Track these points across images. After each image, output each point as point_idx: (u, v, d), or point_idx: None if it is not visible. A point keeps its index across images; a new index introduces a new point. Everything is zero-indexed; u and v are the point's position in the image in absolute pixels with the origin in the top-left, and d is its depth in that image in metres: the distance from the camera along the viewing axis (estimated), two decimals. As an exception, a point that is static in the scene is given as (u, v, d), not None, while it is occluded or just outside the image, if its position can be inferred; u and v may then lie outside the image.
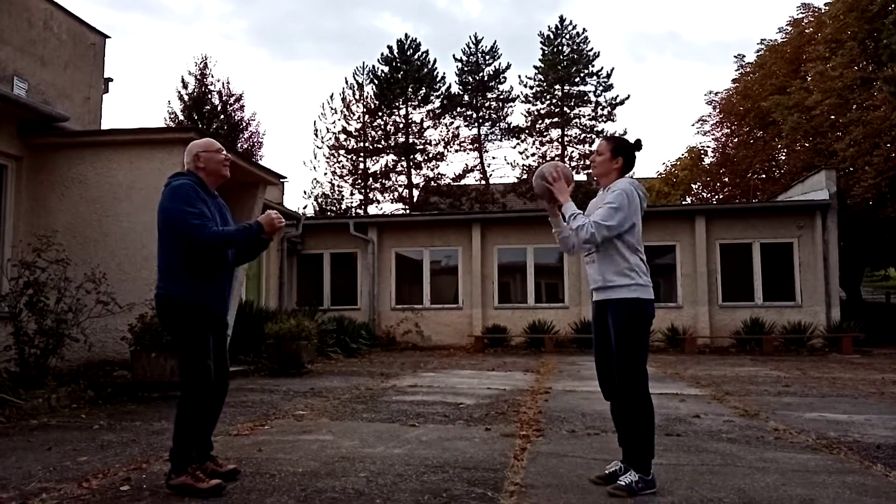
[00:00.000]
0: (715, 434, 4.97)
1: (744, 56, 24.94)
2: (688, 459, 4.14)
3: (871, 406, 6.50)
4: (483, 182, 34.59)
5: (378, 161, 33.51)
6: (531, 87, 34.62)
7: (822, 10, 20.58)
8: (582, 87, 34.09)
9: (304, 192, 37.85)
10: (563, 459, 4.14)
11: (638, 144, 3.67)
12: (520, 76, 41.33)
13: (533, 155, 34.17)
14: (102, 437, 4.80)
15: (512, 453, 4.28)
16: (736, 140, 25.26)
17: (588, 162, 30.18)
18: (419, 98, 33.71)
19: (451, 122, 34.18)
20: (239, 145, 29.02)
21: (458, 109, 34.42)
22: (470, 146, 34.52)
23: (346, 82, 44.16)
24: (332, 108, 33.87)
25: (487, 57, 35.23)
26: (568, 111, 33.95)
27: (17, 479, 3.61)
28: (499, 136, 35.06)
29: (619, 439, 3.61)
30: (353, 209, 33.01)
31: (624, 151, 3.65)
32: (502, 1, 58.41)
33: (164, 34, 63.49)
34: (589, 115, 33.96)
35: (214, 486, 3.31)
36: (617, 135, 28.44)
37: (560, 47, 34.54)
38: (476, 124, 34.92)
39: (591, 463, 3.99)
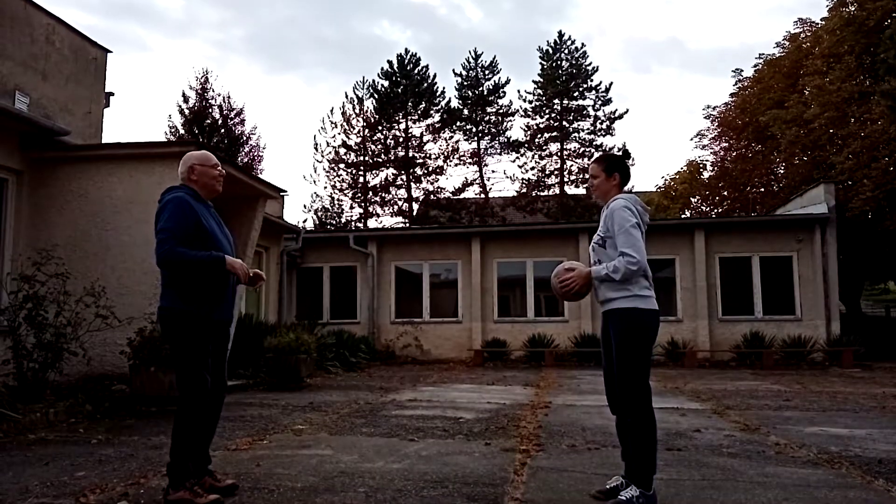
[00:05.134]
0: (716, 449, 4.95)
1: (741, 70, 25.09)
2: (689, 474, 4.12)
3: (872, 420, 6.48)
4: (482, 196, 34.67)
5: (378, 175, 33.64)
6: (530, 102, 34.82)
7: (819, 25, 20.72)
8: (581, 102, 34.29)
9: (304, 206, 38.00)
10: (564, 474, 4.11)
11: (626, 154, 3.72)
12: (519, 90, 41.61)
13: (532, 168, 34.31)
14: (100, 451, 4.77)
15: (512, 468, 4.26)
16: (734, 154, 25.32)
17: (587, 175, 30.31)
18: (419, 112, 33.90)
19: (451, 136, 34.34)
20: (239, 159, 29.10)
21: (458, 123, 34.58)
22: (469, 160, 34.67)
23: (346, 97, 44.59)
24: (332, 123, 34.15)
25: (487, 71, 35.47)
26: (567, 125, 34.12)
27: (15, 495, 3.59)
28: (498, 150, 35.21)
29: (622, 453, 3.59)
30: (353, 223, 33.08)
31: (617, 166, 3.67)
32: (503, 9, 58.68)
33: (160, 45, 63.92)
34: (588, 129, 34.14)
35: (213, 501, 3.30)
36: (605, 152, 28.55)
37: (559, 62, 34.77)
38: (475, 138, 35.06)
39: (591, 478, 3.97)
